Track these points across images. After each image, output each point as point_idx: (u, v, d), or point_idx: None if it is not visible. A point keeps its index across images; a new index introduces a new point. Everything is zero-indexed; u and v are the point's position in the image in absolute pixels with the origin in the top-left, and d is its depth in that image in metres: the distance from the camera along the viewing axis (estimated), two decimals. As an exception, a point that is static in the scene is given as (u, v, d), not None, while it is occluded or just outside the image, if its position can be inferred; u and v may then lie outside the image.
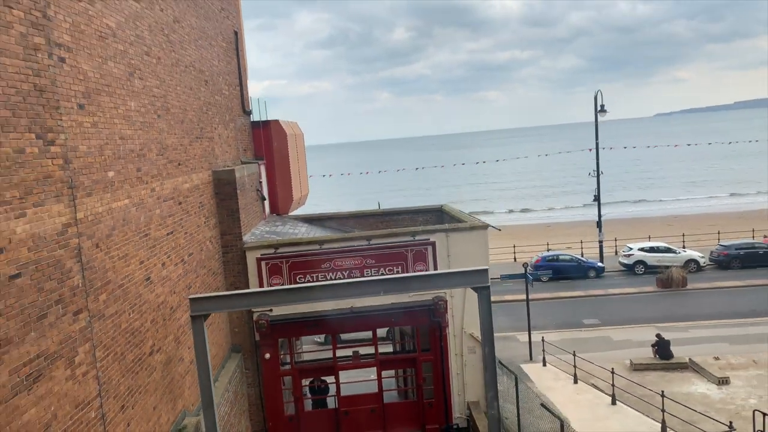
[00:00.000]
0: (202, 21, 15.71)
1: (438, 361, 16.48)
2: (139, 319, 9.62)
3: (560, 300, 32.98)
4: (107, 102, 9.01)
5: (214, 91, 16.46)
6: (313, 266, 15.85)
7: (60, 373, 7.05)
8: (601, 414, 16.87)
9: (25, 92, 6.79)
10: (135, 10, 10.56)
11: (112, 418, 8.26)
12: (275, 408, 16.12)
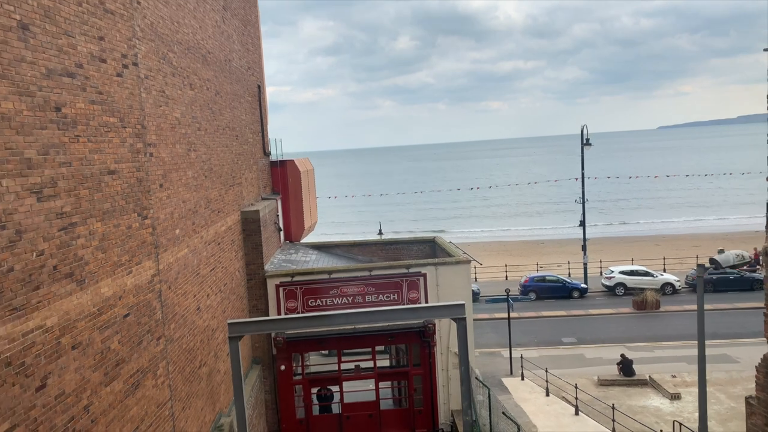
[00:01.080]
0: (234, 85, 18.52)
1: (427, 374, 19.17)
2: (193, 340, 12.36)
3: (544, 319, 35.65)
4: (175, 177, 11.79)
5: (242, 142, 19.25)
6: (323, 292, 18.59)
7: (149, 383, 9.79)
8: (564, 422, 19.55)
9: (132, 184, 9.57)
10: (191, 97, 13.36)
11: (177, 415, 10.98)
12: (288, 412, 18.81)
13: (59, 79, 7.63)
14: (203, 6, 14.98)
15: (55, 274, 7.30)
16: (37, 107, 7.14)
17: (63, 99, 7.70)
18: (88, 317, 8.02)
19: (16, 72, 6.76)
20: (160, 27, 11.48)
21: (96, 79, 8.59)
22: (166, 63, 11.71)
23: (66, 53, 7.83)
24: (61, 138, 7.62)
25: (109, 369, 8.51)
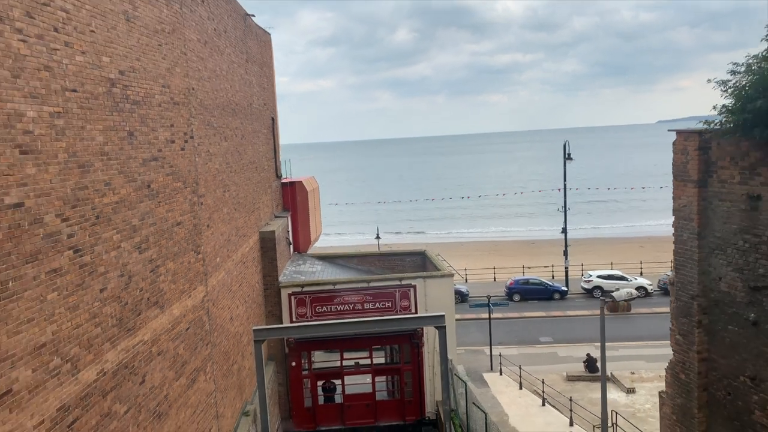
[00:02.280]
0: (254, 123, 21.50)
1: (416, 370, 22.24)
2: (228, 344, 15.40)
3: (526, 319, 38.79)
4: (216, 216, 14.81)
5: (260, 170, 22.23)
6: (328, 300, 21.63)
7: (201, 378, 12.84)
8: (531, 412, 22.69)
9: (190, 229, 12.59)
10: (225, 147, 16.36)
11: (219, 402, 14.04)
12: (297, 401, 21.89)
13: (149, 163, 10.65)
14: (233, 67, 17.97)
15: (148, 303, 10.34)
16: (138, 188, 10.16)
17: (151, 177, 10.72)
18: (166, 332, 11.06)
19: (127, 167, 9.78)
20: (206, 100, 14.49)
21: (169, 157, 11.61)
22: (210, 127, 14.71)
23: (152, 144, 10.85)
24: (150, 206, 10.65)
25: (178, 368, 11.56)
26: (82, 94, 8.52)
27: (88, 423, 8.29)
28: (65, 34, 8.13)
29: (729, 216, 11.91)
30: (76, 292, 8.15)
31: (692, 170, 12.54)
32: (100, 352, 8.71)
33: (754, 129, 10.72)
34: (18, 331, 6.89)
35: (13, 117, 6.98)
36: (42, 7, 7.63)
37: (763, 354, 11.37)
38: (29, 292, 7.12)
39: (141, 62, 10.53)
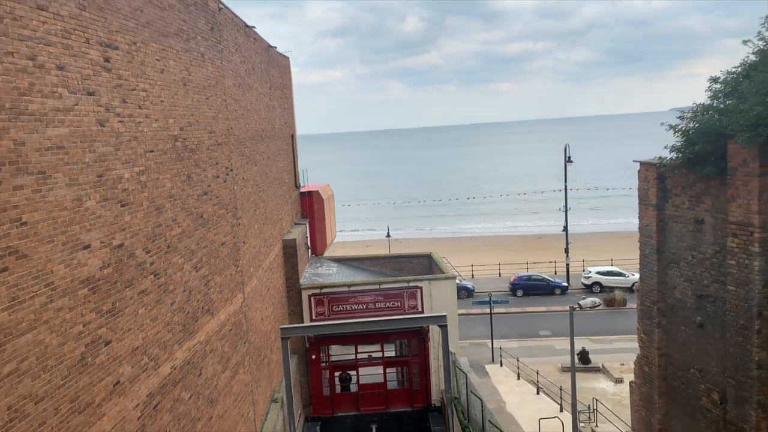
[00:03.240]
0: (277, 142, 23.83)
1: (422, 362, 24.59)
2: (260, 341, 17.82)
3: (527, 314, 41.02)
4: (250, 233, 17.18)
5: (281, 184, 24.57)
6: (343, 301, 24.01)
7: (241, 371, 15.25)
8: (527, 399, 25.01)
9: (231, 247, 14.97)
10: (255, 171, 18.71)
11: (254, 391, 16.46)
12: (317, 390, 24.32)
13: (201, 198, 13.02)
14: (260, 98, 20.30)
15: (202, 311, 12.74)
16: (194, 219, 12.54)
17: (203, 209, 13.10)
18: (216, 334, 13.47)
19: (187, 204, 12.15)
20: (240, 134, 16.84)
21: (215, 190, 13.98)
22: (244, 157, 17.07)
23: (203, 181, 13.21)
24: (203, 232, 13.03)
25: (224, 363, 13.97)
26: (156, 152, 10.89)
27: (165, 406, 10.71)
28: (145, 108, 10.50)
29: (681, 235, 14.12)
30: (156, 306, 10.55)
31: (652, 196, 14.76)
32: (172, 351, 11.12)
33: (696, 166, 12.91)
34: (122, 339, 9.30)
35: (116, 180, 9.36)
36: (131, 92, 9.99)
37: (708, 351, 13.61)
38: (128, 309, 9.53)
39: (194, 116, 12.89)
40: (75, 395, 8.03)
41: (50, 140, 7.76)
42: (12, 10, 7.14)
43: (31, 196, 7.35)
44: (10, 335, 6.85)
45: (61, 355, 7.77)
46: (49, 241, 7.66)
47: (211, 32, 14.28)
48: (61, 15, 8.11)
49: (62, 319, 7.84)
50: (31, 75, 7.44)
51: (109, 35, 9.35)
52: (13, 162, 7.05)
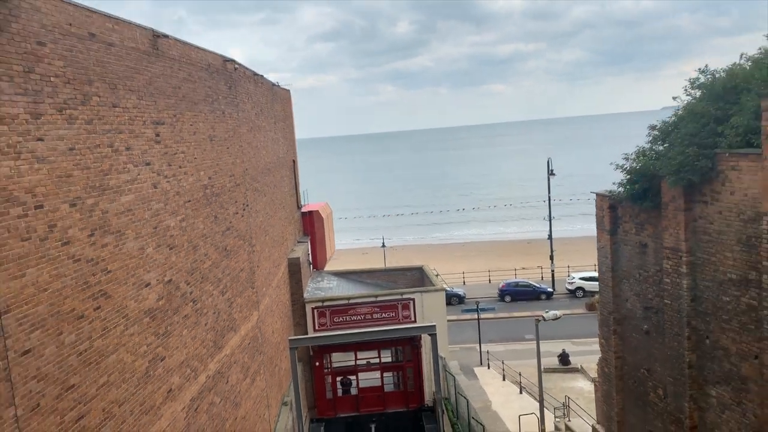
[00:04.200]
0: (281, 170, 26.14)
1: (416, 367, 26.92)
2: (272, 351, 20.13)
3: (514, 319, 43.41)
4: (262, 257, 19.50)
5: (286, 207, 26.89)
6: (344, 312, 26.33)
7: (258, 378, 17.57)
8: (511, 398, 27.37)
9: (248, 272, 17.30)
10: (265, 201, 21.03)
11: (268, 395, 18.77)
12: (321, 393, 26.61)
13: (225, 233, 15.36)
14: (267, 135, 22.64)
15: (228, 328, 15.07)
16: (220, 252, 14.87)
17: (226, 243, 15.43)
18: (238, 347, 15.79)
19: (214, 240, 14.49)
20: (253, 172, 19.18)
21: (235, 224, 16.32)
22: (256, 191, 19.42)
23: (226, 218, 15.56)
24: (227, 262, 15.36)
25: (245, 372, 16.29)
26: (192, 201, 13.24)
27: (203, 408, 13.04)
28: (184, 167, 12.85)
29: (630, 256, 16.55)
30: (195, 327, 12.89)
31: (606, 222, 17.18)
32: (206, 363, 13.45)
33: (638, 200, 15.34)
34: (172, 355, 11.63)
35: (165, 229, 11.71)
36: (174, 156, 12.35)
37: (653, 354, 16.02)
38: (176, 331, 11.86)
39: (219, 165, 15.25)
40: (143, 400, 10.37)
41: (123, 206, 10.12)
42: (98, 112, 9.51)
43: (113, 250, 9.70)
44: (103, 356, 9.19)
45: (134, 370, 10.10)
46: (124, 282, 10.01)
47: (229, 90, 16.65)
48: (127, 107, 10.48)
49: (134, 342, 10.17)
50: (110, 158, 9.80)
51: (158, 114, 11.72)
52: (102, 226, 9.40)
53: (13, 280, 7.34)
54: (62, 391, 8.16)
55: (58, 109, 8.47)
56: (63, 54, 8.64)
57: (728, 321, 13.25)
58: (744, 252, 12.56)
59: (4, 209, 7.24)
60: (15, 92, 7.58)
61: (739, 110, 12.71)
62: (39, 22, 8.15)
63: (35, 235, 7.80)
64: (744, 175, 12.41)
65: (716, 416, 14.00)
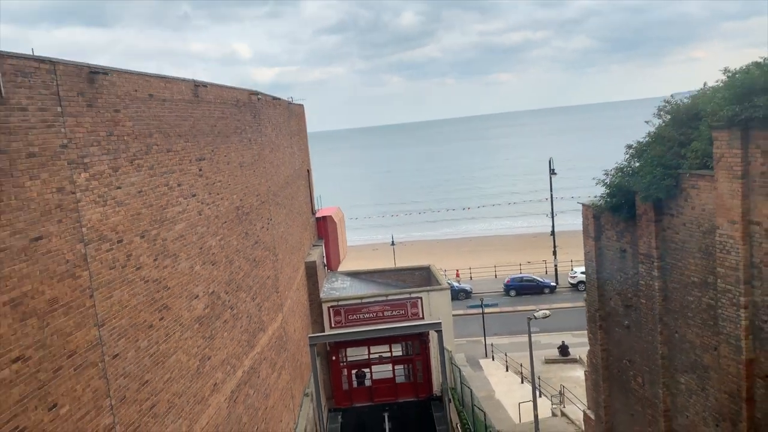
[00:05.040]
0: (297, 180, 28.16)
1: (425, 360, 28.95)
2: (294, 348, 22.21)
3: (519, 312, 45.26)
4: (285, 263, 21.55)
5: (301, 214, 28.92)
6: (357, 310, 28.38)
7: (284, 372, 19.65)
8: (513, 388, 29.34)
9: (273, 279, 19.36)
10: (285, 213, 23.06)
11: (292, 387, 20.86)
12: (337, 385, 28.71)
13: (254, 246, 17.41)
14: (285, 151, 24.64)
15: (258, 329, 17.13)
16: (250, 263, 16.92)
17: (255, 254, 17.48)
18: (267, 345, 17.87)
19: (245, 253, 16.54)
20: (275, 188, 21.20)
21: (262, 238, 18.36)
22: (277, 204, 21.45)
23: (254, 233, 17.60)
24: (256, 271, 17.42)
25: (273, 367, 18.37)
26: (228, 222, 15.29)
27: (240, 399, 15.12)
28: (221, 194, 14.90)
29: (612, 261, 18.46)
30: (232, 330, 14.96)
31: (591, 230, 19.09)
32: (242, 360, 15.53)
33: (617, 212, 17.24)
34: (216, 354, 13.71)
35: (208, 248, 13.76)
36: (213, 186, 14.40)
37: (633, 346, 17.95)
38: (218, 334, 13.94)
39: (248, 188, 17.29)
40: (195, 393, 12.45)
41: (177, 233, 12.18)
42: (157, 158, 11.56)
43: (171, 270, 11.76)
44: (166, 357, 11.27)
45: (188, 368, 12.18)
46: (179, 296, 12.07)
47: (254, 119, 18.68)
48: (177, 150, 12.53)
49: (188, 344, 12.25)
50: (167, 195, 11.86)
51: (200, 151, 13.77)
52: (162, 252, 11.47)
53: (106, 300, 9.41)
54: (140, 386, 10.25)
55: (130, 161, 10.52)
56: (131, 115, 10.69)
57: (692, 318, 15.16)
58: (704, 259, 14.46)
59: (98, 246, 9.30)
60: (101, 153, 9.63)
61: (698, 136, 14.57)
62: (115, 93, 10.19)
63: (118, 263, 9.86)
64: (702, 193, 14.29)
65: (685, 400, 15.94)
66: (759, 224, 12.71)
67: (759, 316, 13.08)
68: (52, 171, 8.34)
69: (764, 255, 12.68)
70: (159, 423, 10.82)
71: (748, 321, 13.29)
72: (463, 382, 23.80)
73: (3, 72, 7.48)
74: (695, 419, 15.64)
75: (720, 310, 13.95)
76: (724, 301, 13.75)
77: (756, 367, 13.35)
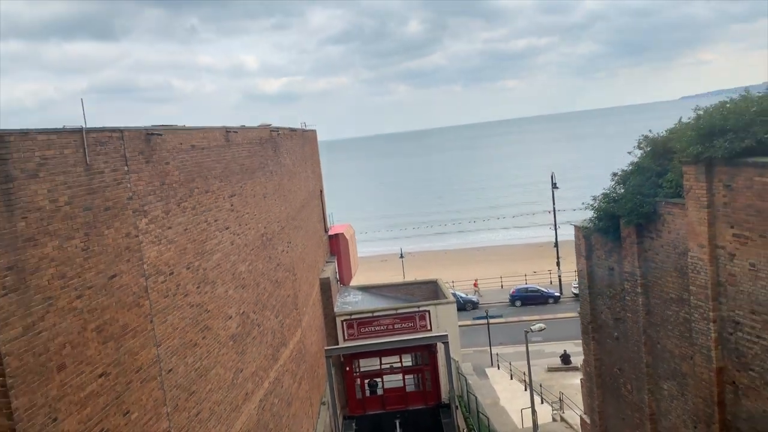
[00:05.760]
0: (311, 201, 29.98)
1: (433, 369, 30.58)
2: (312, 359, 23.93)
3: (523, 322, 46.72)
4: (302, 281, 23.32)
5: (316, 233, 30.71)
6: (369, 323, 30.09)
7: (304, 382, 21.38)
8: (517, 395, 30.89)
9: (294, 297, 21.14)
10: (302, 235, 24.86)
11: (311, 396, 22.57)
12: (351, 394, 30.39)
13: (276, 268, 19.20)
14: (300, 176, 26.47)
15: (280, 344, 18.89)
16: (273, 283, 18.71)
17: (277, 276, 19.27)
18: (288, 358, 19.61)
19: (269, 275, 18.32)
20: (292, 212, 23.01)
21: (283, 260, 20.15)
22: (294, 228, 23.26)
23: (277, 257, 19.39)
24: (279, 291, 19.19)
25: (294, 377, 20.10)
26: (254, 248, 17.09)
27: (267, 407, 16.87)
28: (249, 225, 16.71)
29: (601, 278, 20.11)
30: (259, 345, 16.73)
31: (582, 249, 20.76)
32: (268, 372, 17.29)
33: (604, 234, 18.92)
34: (247, 367, 15.48)
35: (239, 273, 15.57)
36: (242, 218, 16.22)
37: (622, 356, 19.56)
38: (248, 349, 15.71)
39: (270, 215, 19.11)
40: (231, 401, 14.22)
41: (214, 262, 13.99)
42: (198, 199, 13.39)
43: (210, 295, 13.57)
44: (208, 370, 13.05)
45: (225, 380, 13.96)
46: (217, 317, 13.87)
47: (274, 153, 20.54)
48: (214, 190, 14.37)
49: (224, 359, 14.03)
50: (206, 230, 13.68)
51: (231, 189, 15.61)
52: (203, 280, 13.27)
53: (162, 324, 11.21)
54: (188, 396, 12.02)
55: (177, 204, 12.35)
56: (178, 165, 12.53)
57: (672, 330, 16.79)
58: (679, 278, 16.11)
59: (156, 279, 11.11)
60: (156, 200, 11.46)
61: (672, 168, 16.25)
62: (165, 148, 12.05)
63: (170, 292, 11.67)
64: (676, 219, 15.97)
65: (667, 405, 17.53)
66: (723, 248, 14.37)
67: (726, 329, 14.71)
68: (122, 220, 10.16)
69: (728, 275, 14.33)
70: (203, 427, 12.59)
71: (717, 333, 14.92)
72: (469, 390, 25.42)
73: (87, 144, 9.33)
74: (677, 422, 17.23)
75: (694, 324, 15.58)
76: (696, 315, 15.39)
77: (725, 375, 14.96)
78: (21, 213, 7.78)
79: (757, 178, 13.04)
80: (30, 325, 7.74)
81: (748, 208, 13.37)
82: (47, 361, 8.01)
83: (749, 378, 14.11)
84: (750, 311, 13.79)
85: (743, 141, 13.24)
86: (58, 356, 8.24)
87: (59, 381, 8.21)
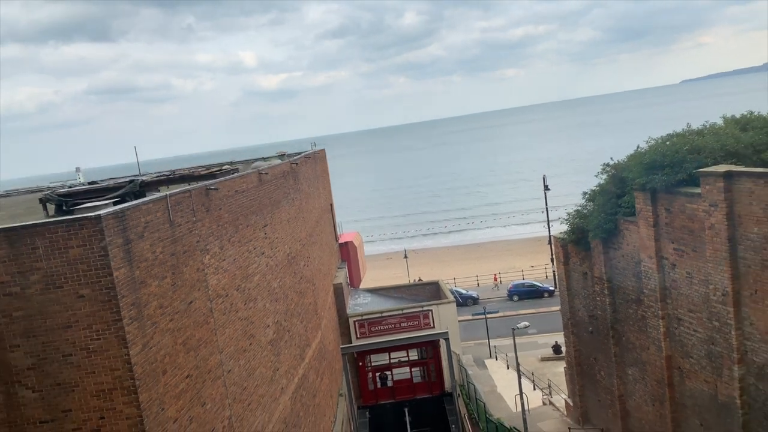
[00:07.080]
0: (324, 216, 33.04)
1: (437, 362, 33.70)
2: (330, 357, 27.04)
3: (520, 315, 49.84)
4: (320, 289, 26.41)
5: (329, 244, 33.78)
6: (378, 323, 33.22)
7: (325, 377, 24.50)
8: (512, 383, 33.91)
9: (315, 305, 24.25)
10: (318, 249, 27.93)
11: (331, 389, 25.70)
12: (364, 386, 33.55)
13: (300, 281, 22.30)
14: (313, 194, 29.53)
15: (305, 344, 22.01)
16: (298, 294, 21.82)
17: (302, 287, 22.38)
18: (312, 356, 22.73)
19: (295, 287, 21.44)
20: (309, 229, 26.06)
21: (306, 273, 23.24)
22: (312, 243, 26.34)
23: (300, 272, 22.48)
24: (302, 300, 22.30)
25: (317, 373, 23.22)
26: (283, 266, 20.19)
27: (298, 399, 20.00)
28: (278, 248, 19.80)
29: (578, 281, 23.18)
30: (290, 347, 19.85)
31: (561, 256, 23.81)
32: (297, 370, 20.41)
33: (577, 245, 21.98)
34: (281, 366, 18.60)
35: (272, 289, 18.69)
36: (273, 243, 19.32)
37: (596, 347, 22.65)
38: (282, 351, 18.85)
39: (293, 237, 22.19)
40: (271, 394, 17.36)
41: (255, 282, 17.11)
42: (242, 233, 16.49)
43: (253, 309, 16.69)
44: (254, 370, 16.18)
45: (267, 376, 17.09)
46: (259, 327, 16.99)
47: (294, 182, 23.61)
48: (251, 224, 17.47)
49: (265, 360, 17.16)
50: (248, 258, 16.79)
51: (264, 220, 18.71)
52: (248, 297, 16.40)
53: (222, 336, 14.32)
54: (242, 390, 15.15)
55: (228, 240, 15.45)
56: (227, 209, 15.63)
57: (633, 325, 19.88)
58: (636, 282, 19.18)
59: (217, 301, 14.23)
60: (214, 239, 14.56)
61: (628, 191, 19.29)
62: (218, 197, 15.14)
63: (227, 310, 14.78)
64: (632, 234, 19.02)
65: (632, 387, 20.63)
66: (667, 259, 17.44)
67: (671, 324, 17.79)
68: (194, 258, 13.27)
69: (672, 281, 17.40)
70: (252, 415, 15.72)
71: (665, 328, 18.00)
72: (469, 379, 28.55)
73: (170, 206, 12.43)
74: (639, 401, 20.34)
75: (648, 320, 18.67)
76: (649, 313, 18.48)
77: (672, 361, 18.06)
78: (136, 264, 10.89)
79: (688, 204, 16.10)
80: (146, 343, 10.87)
81: (683, 228, 16.43)
82: (156, 368, 11.13)
83: (689, 363, 17.20)
84: (688, 310, 16.87)
85: (677, 175, 16.28)
86: (162, 364, 11.36)
87: (163, 382, 11.33)
